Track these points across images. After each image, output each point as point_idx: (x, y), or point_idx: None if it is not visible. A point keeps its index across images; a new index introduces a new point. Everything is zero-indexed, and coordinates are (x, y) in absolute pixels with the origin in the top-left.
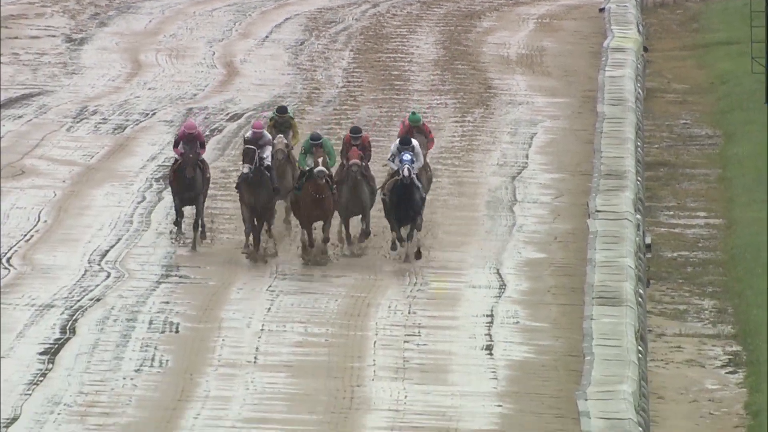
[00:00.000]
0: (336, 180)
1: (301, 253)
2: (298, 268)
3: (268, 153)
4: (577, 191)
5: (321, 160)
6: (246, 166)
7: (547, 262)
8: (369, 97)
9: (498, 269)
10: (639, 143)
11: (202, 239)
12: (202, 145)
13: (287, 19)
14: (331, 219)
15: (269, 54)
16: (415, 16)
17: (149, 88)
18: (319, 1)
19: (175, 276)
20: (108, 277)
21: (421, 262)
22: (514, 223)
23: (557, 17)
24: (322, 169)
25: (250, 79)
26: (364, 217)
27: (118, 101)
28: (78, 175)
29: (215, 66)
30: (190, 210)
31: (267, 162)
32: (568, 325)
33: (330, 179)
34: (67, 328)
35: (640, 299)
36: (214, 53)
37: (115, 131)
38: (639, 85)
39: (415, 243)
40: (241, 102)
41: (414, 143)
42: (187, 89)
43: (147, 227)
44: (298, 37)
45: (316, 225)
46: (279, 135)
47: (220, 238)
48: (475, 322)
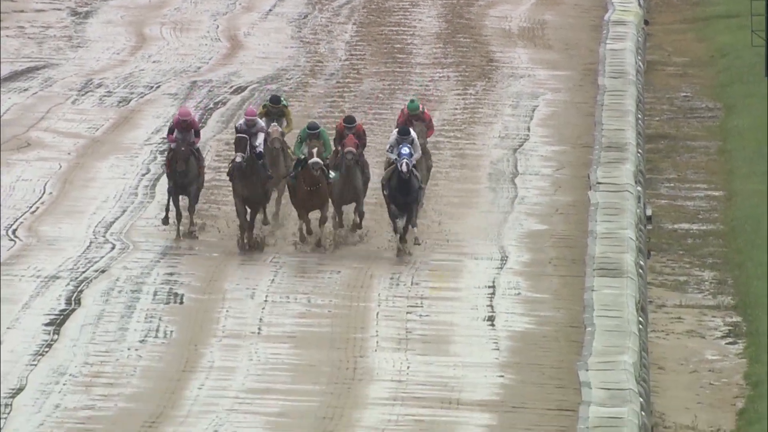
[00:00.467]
0: (330, 167)
1: (299, 241)
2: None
3: (260, 140)
4: (578, 163)
5: (316, 150)
6: (239, 154)
7: (548, 234)
8: (372, 70)
9: (499, 241)
10: (640, 116)
11: (193, 228)
12: (196, 134)
13: None
14: (327, 207)
15: (273, 27)
16: None
17: (154, 62)
18: None
19: (180, 248)
20: (113, 248)
21: (424, 233)
22: (516, 195)
23: None
24: (317, 160)
25: (253, 52)
26: (357, 205)
27: (122, 74)
28: (83, 148)
29: (219, 39)
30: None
31: (259, 149)
32: (569, 296)
33: (326, 168)
34: (73, 299)
35: (641, 271)
36: (218, 27)
37: (120, 104)
38: (640, 58)
39: (412, 240)
40: (245, 75)
41: (412, 134)
42: (191, 62)
43: (151, 199)
44: (302, 10)
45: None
46: (273, 123)
47: (224, 210)
48: (477, 294)
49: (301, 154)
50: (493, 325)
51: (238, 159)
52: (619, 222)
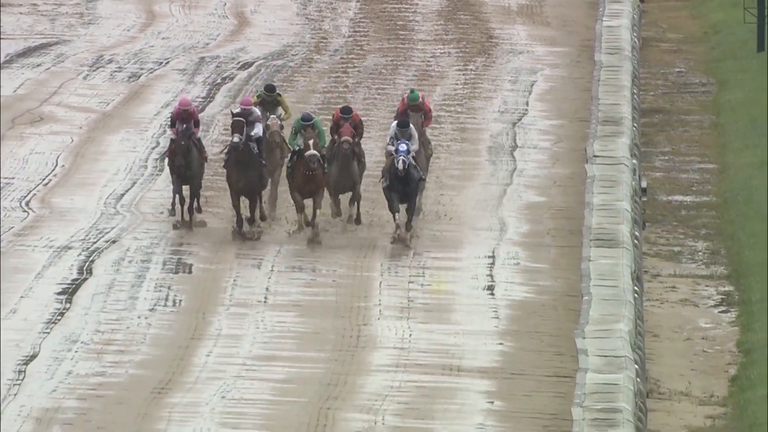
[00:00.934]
0: (327, 156)
1: (297, 230)
2: (307, 212)
3: (256, 130)
4: (575, 137)
5: (312, 142)
6: (236, 135)
7: (546, 206)
8: (375, 46)
9: (499, 212)
10: (635, 91)
11: (198, 212)
12: (196, 124)
13: None
14: (321, 195)
15: (278, 5)
16: None
17: (163, 38)
18: None
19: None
20: (123, 219)
21: (427, 204)
22: (515, 168)
23: None
24: (314, 153)
25: (260, 29)
26: (354, 193)
27: (132, 50)
28: (94, 122)
29: (226, 16)
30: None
31: (256, 137)
32: (567, 266)
33: (322, 159)
34: (84, 268)
35: (636, 241)
36: (226, 4)
37: (130, 79)
38: (635, 34)
39: (407, 238)
40: (252, 51)
41: (411, 128)
42: (199, 39)
43: (161, 172)
44: None
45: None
46: (272, 116)
47: None
48: (477, 264)
49: (296, 146)
50: (492, 294)
51: (235, 139)
52: (615, 194)
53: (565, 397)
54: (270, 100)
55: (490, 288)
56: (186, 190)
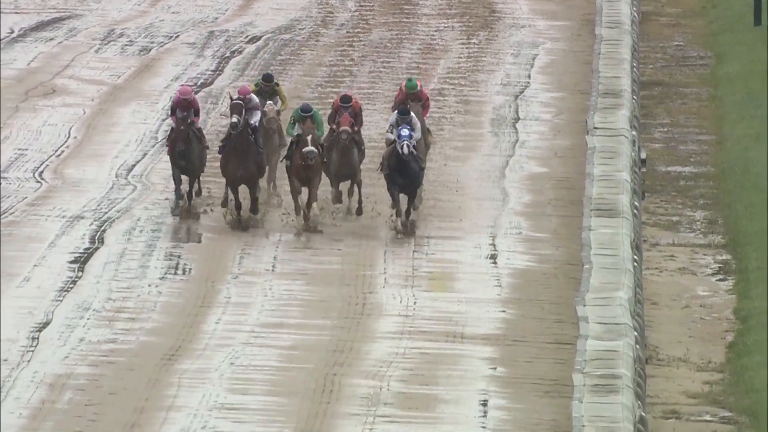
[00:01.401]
0: (326, 145)
1: (295, 220)
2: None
3: (255, 119)
4: (576, 109)
5: (310, 138)
6: (235, 116)
7: (547, 176)
8: (380, 20)
9: (501, 183)
10: (635, 64)
11: (197, 195)
12: (196, 113)
13: None
14: (317, 184)
15: None
16: None
17: (173, 12)
18: None
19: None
20: (134, 190)
21: (429, 177)
22: (517, 140)
23: None
24: (311, 149)
25: (268, 3)
26: (353, 181)
27: (143, 24)
28: (106, 94)
29: None
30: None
31: (255, 122)
32: (568, 235)
33: (321, 148)
34: (96, 238)
35: (636, 211)
36: None
37: (141, 53)
38: (635, 8)
39: (408, 225)
40: (260, 25)
41: (412, 115)
42: (208, 13)
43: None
44: None
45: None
46: (269, 102)
47: None
48: (480, 233)
49: (294, 134)
50: (495, 262)
51: (234, 119)
52: (615, 165)
53: (565, 363)
54: (268, 89)
55: (493, 257)
56: (185, 186)
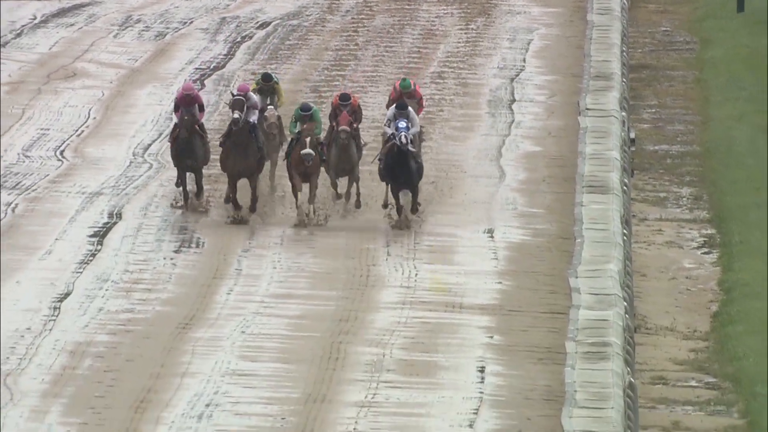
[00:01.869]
0: (326, 142)
1: (297, 214)
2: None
3: (254, 116)
4: (568, 91)
5: (308, 140)
6: (236, 112)
7: (542, 155)
8: (383, 7)
9: (498, 161)
10: (624, 48)
11: (198, 198)
12: (201, 108)
13: None
14: (317, 179)
15: None
16: None
17: None
18: None
19: (210, 167)
20: (150, 167)
21: (429, 155)
22: (513, 120)
23: None
24: (309, 152)
25: None
26: (352, 175)
27: (159, 11)
28: (124, 77)
29: None
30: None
31: (254, 120)
32: (561, 210)
33: (320, 145)
34: (114, 213)
35: (625, 187)
36: None
37: (157, 38)
38: None
39: (408, 217)
40: (269, 12)
41: (409, 109)
42: (220, 0)
43: None
44: None
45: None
46: (270, 107)
47: None
48: (478, 208)
49: (295, 131)
50: (492, 236)
51: (236, 115)
52: (606, 144)
53: (559, 332)
54: (267, 88)
55: (490, 231)
56: (190, 182)
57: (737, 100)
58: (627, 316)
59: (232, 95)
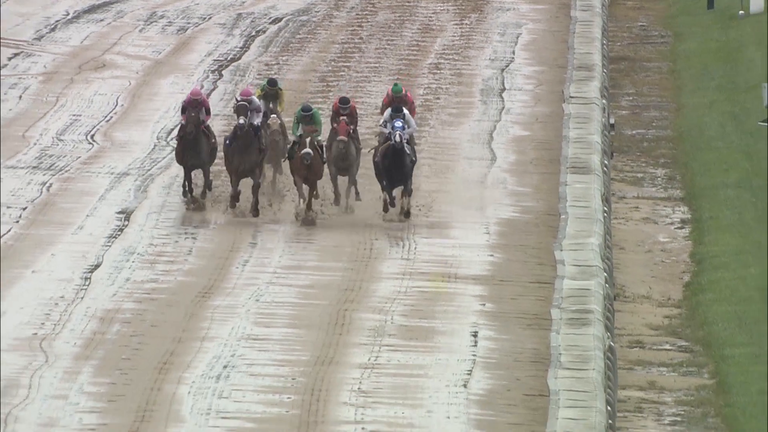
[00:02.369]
0: (327, 145)
1: (297, 211)
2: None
3: (258, 120)
4: (554, 81)
5: (309, 141)
6: (241, 118)
7: (529, 139)
8: (385, 4)
9: (490, 144)
10: (604, 42)
11: (208, 190)
12: (207, 111)
13: None
14: (317, 179)
15: None
16: None
17: None
18: None
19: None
20: (173, 150)
21: (427, 139)
22: (503, 107)
23: None
24: (308, 151)
25: None
26: (350, 173)
27: (181, 7)
28: (148, 68)
29: None
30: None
31: (257, 123)
32: (547, 189)
33: (321, 149)
34: (140, 191)
35: (605, 169)
36: None
37: (179, 32)
38: None
39: (405, 205)
40: (281, 8)
41: (405, 111)
42: None
43: None
44: None
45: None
46: (273, 116)
47: None
48: (470, 187)
49: (297, 134)
50: (484, 213)
51: (241, 121)
52: (588, 129)
53: (545, 300)
54: (272, 92)
55: (482, 208)
56: (193, 180)
57: (707, 89)
58: (607, 285)
59: (237, 101)
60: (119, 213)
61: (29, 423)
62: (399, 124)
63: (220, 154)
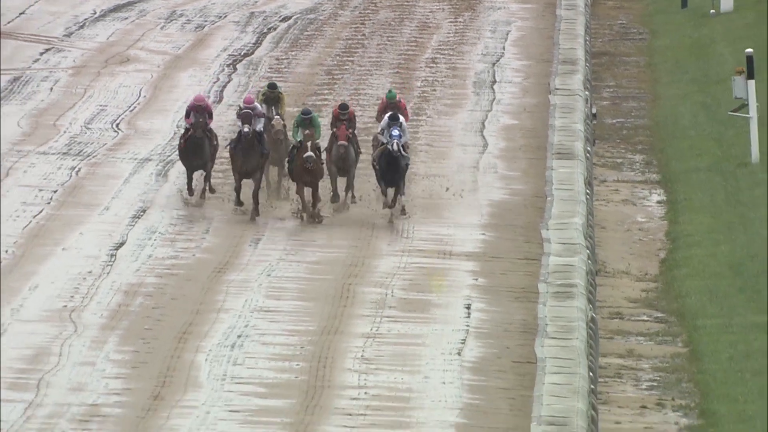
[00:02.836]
0: (327, 148)
1: (297, 213)
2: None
3: (260, 125)
4: (541, 74)
5: (310, 144)
6: (246, 126)
7: (518, 127)
8: (386, 3)
9: (482, 132)
10: (587, 38)
11: (211, 192)
12: (210, 116)
13: None
14: (318, 182)
15: None
16: None
17: None
18: None
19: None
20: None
21: (424, 128)
22: (494, 98)
23: None
24: (310, 154)
25: None
26: (348, 177)
27: (199, 6)
28: (169, 62)
29: None
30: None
31: (259, 129)
32: (535, 173)
33: (318, 151)
34: (161, 175)
35: (588, 155)
36: None
37: (197, 29)
38: None
39: (399, 205)
40: (290, 7)
41: (401, 119)
42: None
43: (220, 101)
44: None
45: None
46: (276, 116)
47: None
48: (464, 172)
49: (298, 139)
50: (477, 195)
51: (246, 129)
52: (572, 118)
53: (532, 275)
54: (273, 96)
55: (475, 190)
56: (196, 178)
57: (681, 82)
58: (589, 261)
59: (240, 108)
60: (142, 195)
61: (60, 387)
62: (396, 132)
63: (221, 154)
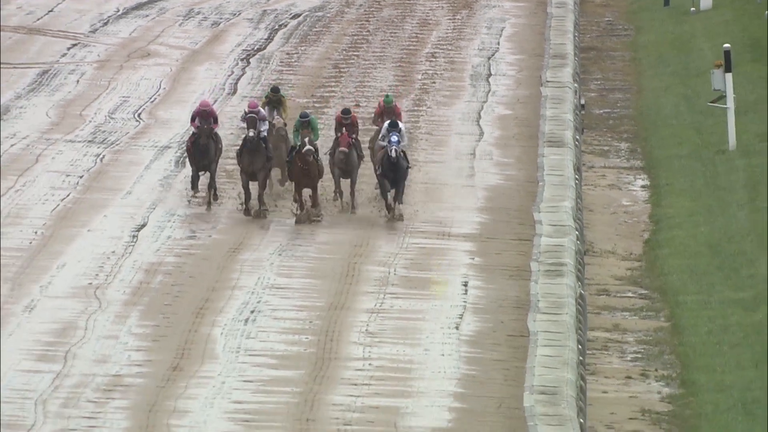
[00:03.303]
0: (329, 152)
1: (296, 212)
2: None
3: (264, 128)
4: (533, 67)
5: (308, 140)
6: (251, 130)
7: (512, 117)
8: (389, 1)
9: (478, 121)
10: (576, 34)
11: (215, 200)
12: (215, 120)
13: None
14: (317, 185)
15: None
16: None
17: None
18: None
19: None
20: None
21: (424, 117)
22: (490, 90)
23: None
24: (309, 147)
25: None
26: (352, 178)
27: (215, 5)
28: (186, 56)
29: None
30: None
31: (263, 134)
32: (527, 160)
33: (316, 152)
34: (180, 162)
35: (577, 142)
36: None
37: (213, 26)
38: None
39: (398, 212)
40: (300, 5)
41: (400, 125)
42: None
43: (235, 92)
44: None
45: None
46: (277, 116)
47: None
48: (461, 158)
49: (297, 141)
50: (472, 180)
51: (251, 134)
52: (562, 108)
53: (525, 254)
54: (275, 99)
55: (471, 176)
56: (203, 179)
57: (664, 75)
58: (578, 242)
59: (245, 113)
60: (162, 180)
61: (85, 359)
62: (395, 138)
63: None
